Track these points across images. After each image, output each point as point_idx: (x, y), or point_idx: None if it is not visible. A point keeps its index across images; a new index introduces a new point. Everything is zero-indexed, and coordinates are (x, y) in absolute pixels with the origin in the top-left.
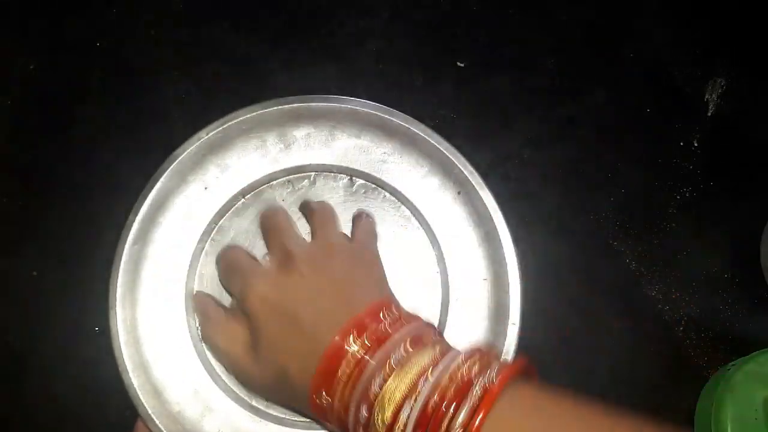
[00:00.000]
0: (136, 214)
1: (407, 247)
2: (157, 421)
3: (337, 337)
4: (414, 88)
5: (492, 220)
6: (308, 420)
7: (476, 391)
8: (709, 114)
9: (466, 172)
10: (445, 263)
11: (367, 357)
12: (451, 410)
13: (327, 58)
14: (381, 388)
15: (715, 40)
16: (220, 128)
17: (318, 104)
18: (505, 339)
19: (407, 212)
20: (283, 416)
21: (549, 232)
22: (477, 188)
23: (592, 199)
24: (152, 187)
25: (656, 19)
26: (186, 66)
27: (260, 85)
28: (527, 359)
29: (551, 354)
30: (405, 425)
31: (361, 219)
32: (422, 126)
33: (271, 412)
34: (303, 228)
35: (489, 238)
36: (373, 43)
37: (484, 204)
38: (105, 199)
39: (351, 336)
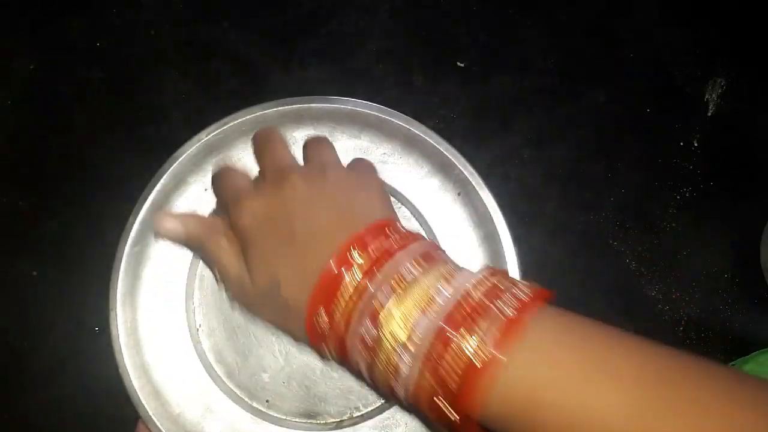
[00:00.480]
0: (137, 216)
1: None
2: (158, 423)
3: (337, 251)
4: (414, 88)
5: (492, 220)
6: (308, 421)
7: (508, 300)
8: (709, 114)
9: (466, 173)
10: None
11: (374, 269)
12: (473, 336)
13: (327, 58)
14: (389, 301)
15: (715, 40)
16: (220, 129)
17: (318, 105)
18: None
19: (407, 213)
20: (284, 417)
21: (549, 232)
22: (477, 189)
23: (592, 199)
24: (152, 189)
25: (656, 19)
26: (186, 66)
27: (260, 85)
28: (552, 292)
29: None
30: (422, 338)
31: (360, 160)
32: (422, 126)
33: (271, 413)
34: None
35: (489, 238)
36: (373, 43)
37: (485, 205)
38: (105, 199)
39: (354, 251)
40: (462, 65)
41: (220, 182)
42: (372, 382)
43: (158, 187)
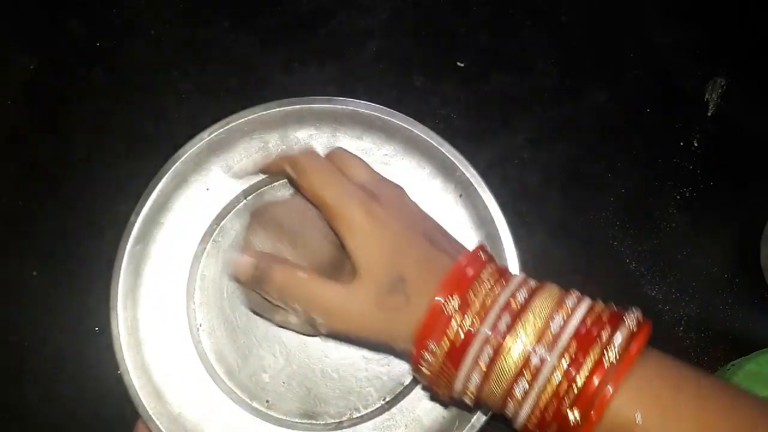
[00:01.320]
0: (138, 215)
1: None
2: (158, 423)
3: (466, 253)
4: (414, 88)
5: (494, 222)
6: (308, 421)
7: (613, 351)
8: (709, 114)
9: (468, 175)
10: None
11: (495, 291)
12: (582, 370)
13: (327, 58)
14: (503, 340)
15: (715, 40)
16: (223, 129)
17: (320, 105)
18: None
19: None
20: (284, 418)
21: (549, 232)
22: (479, 191)
23: (592, 199)
24: (154, 188)
25: (656, 19)
26: (186, 66)
27: (260, 85)
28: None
29: None
30: (557, 336)
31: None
32: (424, 127)
33: (271, 413)
34: None
35: (491, 240)
36: (373, 43)
37: (486, 207)
38: (105, 199)
39: (481, 254)
40: (462, 65)
41: (320, 177)
42: (478, 392)
43: (160, 186)
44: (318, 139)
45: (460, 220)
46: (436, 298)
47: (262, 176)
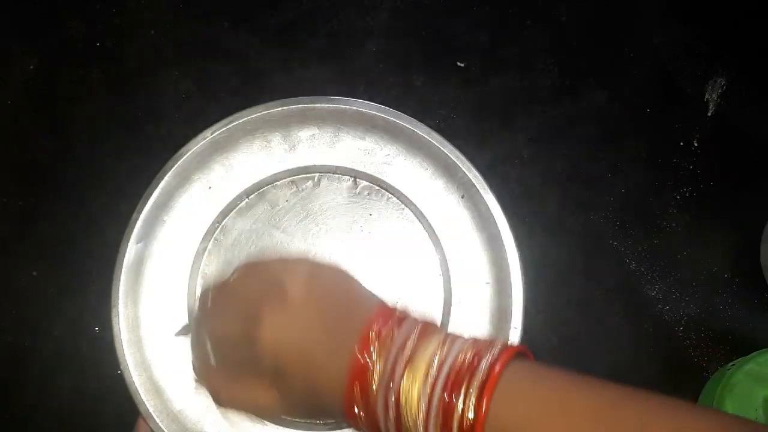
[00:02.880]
0: (140, 213)
1: (410, 250)
2: (158, 420)
3: (352, 362)
4: (414, 88)
5: (495, 223)
6: (308, 422)
7: (480, 375)
8: (709, 114)
9: (470, 176)
10: (447, 266)
11: (382, 354)
12: (461, 398)
13: (327, 58)
14: (400, 386)
15: (716, 40)
16: (225, 128)
17: (323, 105)
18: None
19: (411, 215)
20: (284, 417)
21: (549, 232)
22: (481, 192)
23: (592, 199)
24: (156, 186)
25: (656, 19)
26: (186, 66)
27: (260, 85)
28: (524, 346)
29: (551, 354)
30: (426, 421)
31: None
32: (426, 128)
33: None
34: (307, 234)
35: (492, 241)
36: (373, 43)
37: (488, 207)
38: (105, 198)
39: (364, 350)
40: (462, 65)
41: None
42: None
43: (162, 184)
44: (321, 139)
45: (462, 221)
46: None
47: (264, 176)
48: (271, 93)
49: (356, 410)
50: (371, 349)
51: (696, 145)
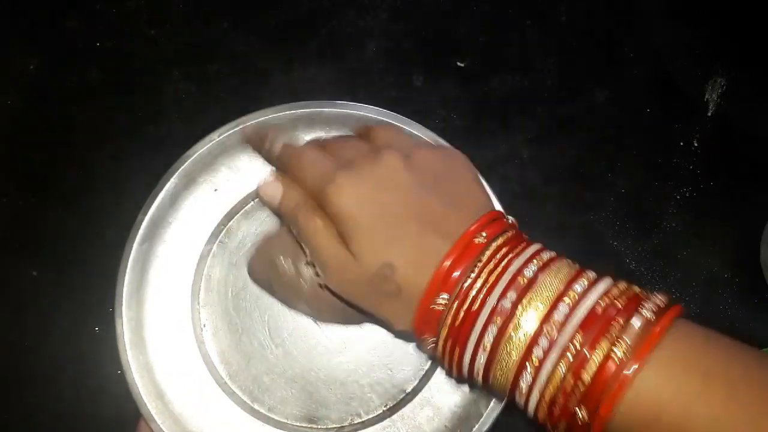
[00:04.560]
0: (146, 214)
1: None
2: (159, 422)
3: (463, 236)
4: (414, 88)
5: None
6: (309, 426)
7: (634, 328)
8: (709, 114)
9: None
10: None
11: (506, 256)
12: (621, 320)
13: (327, 58)
14: (525, 295)
15: (715, 40)
16: (233, 130)
17: (330, 110)
18: None
19: None
20: (285, 421)
21: (549, 232)
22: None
23: (592, 199)
24: (162, 187)
25: (656, 19)
26: (186, 66)
27: (260, 85)
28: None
29: None
30: (563, 324)
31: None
32: (432, 134)
33: (273, 416)
34: None
35: None
36: (373, 43)
37: None
38: (105, 199)
39: (480, 234)
40: (462, 65)
41: (298, 161)
42: (484, 378)
43: (168, 185)
44: None
45: None
46: (428, 291)
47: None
48: (271, 93)
49: (427, 340)
50: (477, 255)
51: (696, 145)
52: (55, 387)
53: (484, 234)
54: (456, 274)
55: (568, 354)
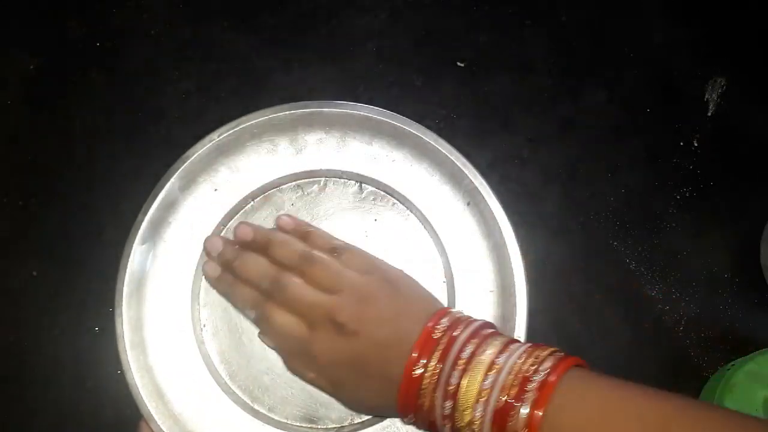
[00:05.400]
0: (146, 213)
1: (414, 257)
2: (159, 422)
3: (408, 362)
4: (414, 88)
5: (501, 231)
6: (309, 426)
7: (538, 379)
8: (709, 114)
9: (476, 183)
10: (452, 273)
11: (444, 356)
12: (516, 406)
13: (327, 58)
14: (460, 380)
15: (715, 40)
16: (233, 131)
17: (331, 110)
18: None
19: (416, 220)
20: (285, 421)
21: (549, 232)
22: (487, 199)
23: (592, 199)
24: (162, 187)
25: (656, 19)
26: (186, 66)
27: (260, 85)
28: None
29: None
30: (481, 421)
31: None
32: (434, 135)
33: (273, 416)
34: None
35: (497, 249)
36: (373, 43)
37: (494, 215)
38: (105, 198)
39: (420, 359)
40: (462, 65)
41: (270, 329)
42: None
43: (168, 185)
44: (327, 143)
45: (467, 228)
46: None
47: (270, 179)
48: (271, 93)
49: (416, 399)
50: (432, 348)
51: (696, 145)
52: (55, 387)
53: (421, 362)
54: (418, 371)
55: (495, 410)
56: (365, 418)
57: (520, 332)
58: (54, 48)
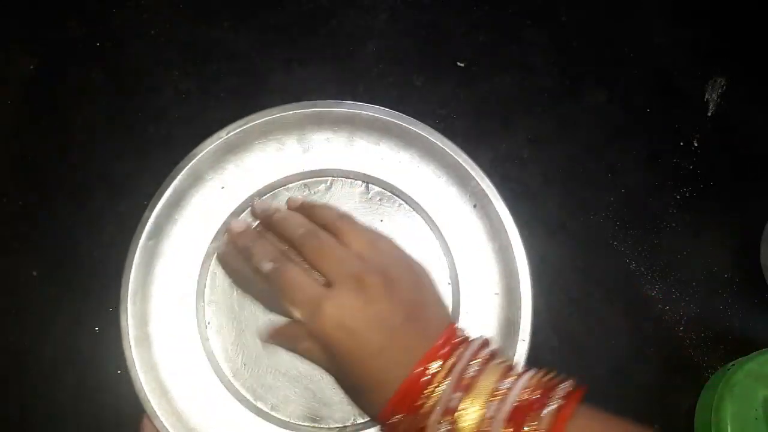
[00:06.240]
0: (152, 210)
1: (420, 257)
2: (163, 419)
3: (417, 369)
4: (414, 88)
5: (507, 234)
6: (312, 425)
7: (548, 414)
8: (709, 114)
9: (483, 185)
10: (457, 276)
11: (449, 371)
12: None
13: (327, 58)
14: (462, 401)
15: (715, 40)
16: (241, 129)
17: (339, 110)
18: (514, 354)
19: (421, 222)
20: (288, 420)
21: (549, 232)
22: (493, 202)
23: (592, 199)
24: (169, 184)
25: (656, 19)
26: (186, 66)
27: (260, 85)
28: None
29: (551, 354)
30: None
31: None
32: (440, 136)
33: (275, 415)
34: None
35: (503, 252)
36: (373, 43)
37: (500, 218)
38: (105, 198)
39: (431, 364)
40: (462, 65)
41: (284, 283)
42: None
43: (175, 182)
44: (335, 143)
45: (474, 229)
46: (387, 411)
47: (277, 177)
48: (271, 93)
49: (396, 417)
50: (436, 365)
51: (696, 145)
52: (55, 387)
53: (430, 367)
54: (422, 382)
55: None
56: (368, 417)
57: (525, 335)
58: (54, 48)
